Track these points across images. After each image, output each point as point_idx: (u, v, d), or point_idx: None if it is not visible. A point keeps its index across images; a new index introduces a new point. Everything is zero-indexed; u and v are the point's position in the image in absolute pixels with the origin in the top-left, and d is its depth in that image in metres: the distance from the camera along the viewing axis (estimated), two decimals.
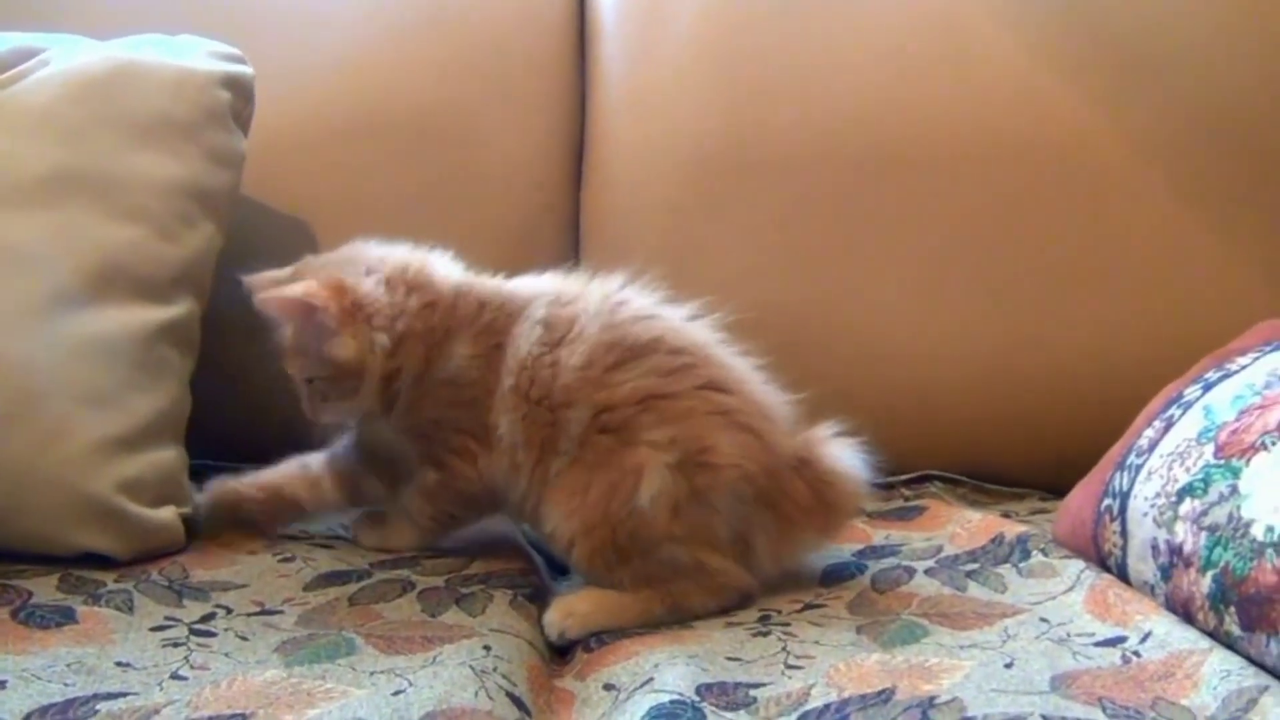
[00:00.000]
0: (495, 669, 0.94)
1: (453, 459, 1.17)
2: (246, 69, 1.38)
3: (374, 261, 1.18)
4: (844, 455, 1.14)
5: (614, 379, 1.10)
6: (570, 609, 1.08)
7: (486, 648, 0.97)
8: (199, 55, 1.35)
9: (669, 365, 1.11)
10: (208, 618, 1.04)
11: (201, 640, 1.00)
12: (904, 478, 1.44)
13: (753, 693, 0.91)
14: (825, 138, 1.51)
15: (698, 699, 0.89)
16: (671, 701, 0.88)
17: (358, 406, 1.18)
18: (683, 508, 1.07)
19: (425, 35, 1.60)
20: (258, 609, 1.06)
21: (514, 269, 1.23)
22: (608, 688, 0.95)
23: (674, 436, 1.07)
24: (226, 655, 0.97)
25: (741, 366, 1.16)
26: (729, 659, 0.98)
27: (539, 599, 1.12)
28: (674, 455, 1.07)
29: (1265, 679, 0.88)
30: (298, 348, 1.17)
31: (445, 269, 1.21)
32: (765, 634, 1.04)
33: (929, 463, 1.46)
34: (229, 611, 1.06)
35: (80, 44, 1.35)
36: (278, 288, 1.15)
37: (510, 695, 0.91)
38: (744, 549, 1.10)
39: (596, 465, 1.09)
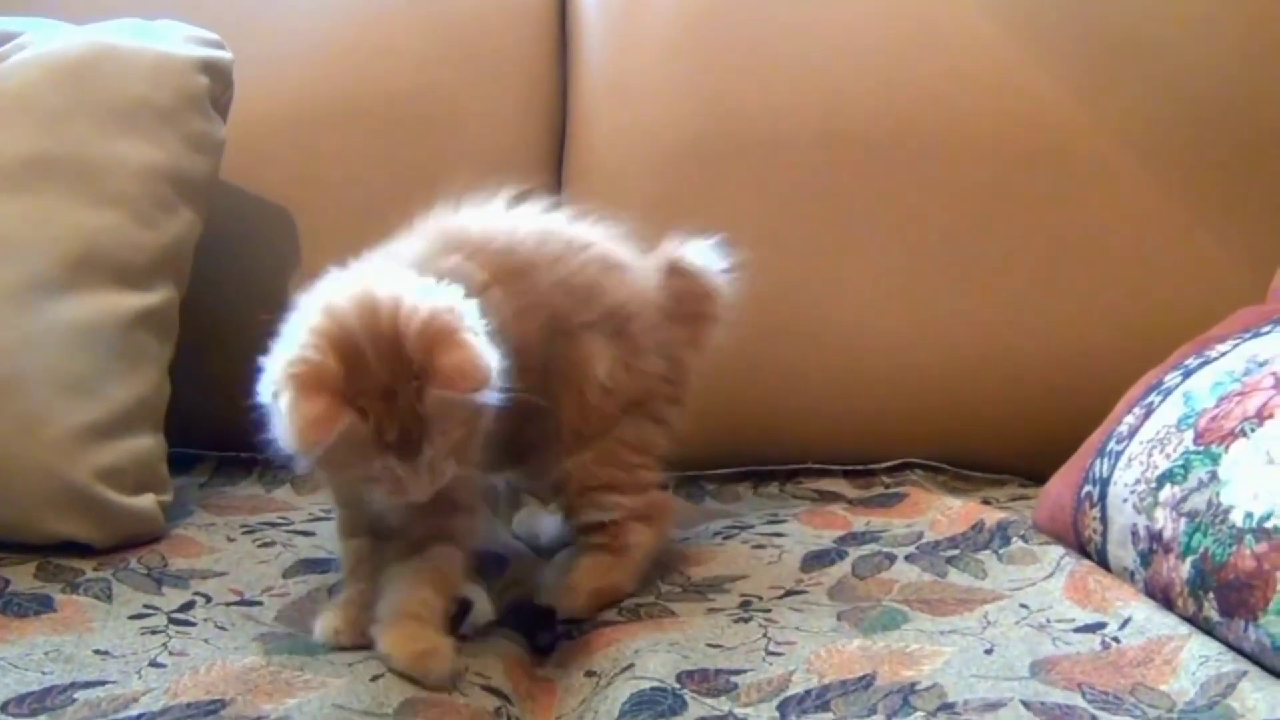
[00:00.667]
0: (467, 668, 0.93)
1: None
2: (225, 54, 1.37)
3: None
4: (699, 252, 1.19)
5: (538, 294, 1.08)
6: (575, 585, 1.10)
7: (462, 636, 0.97)
8: (177, 40, 1.35)
9: (552, 255, 1.11)
10: (187, 606, 1.04)
11: (180, 628, 0.99)
12: (885, 465, 1.45)
13: (734, 679, 0.91)
14: (806, 125, 1.51)
15: (679, 686, 0.89)
16: (652, 689, 0.88)
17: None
18: (631, 363, 1.12)
19: (406, 21, 1.59)
20: (237, 598, 1.06)
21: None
22: (589, 674, 0.95)
23: (597, 312, 1.11)
24: (205, 641, 0.96)
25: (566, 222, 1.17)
26: (710, 646, 0.98)
27: (511, 589, 1.12)
28: (606, 326, 1.11)
29: (1243, 664, 0.88)
30: (442, 418, 0.93)
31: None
32: (746, 621, 1.04)
33: (909, 450, 1.46)
34: (208, 600, 1.05)
35: (57, 28, 1.34)
36: (458, 372, 0.91)
37: (485, 688, 0.91)
38: (676, 369, 1.16)
39: (558, 375, 1.10)
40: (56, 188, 1.22)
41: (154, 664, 0.92)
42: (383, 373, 0.90)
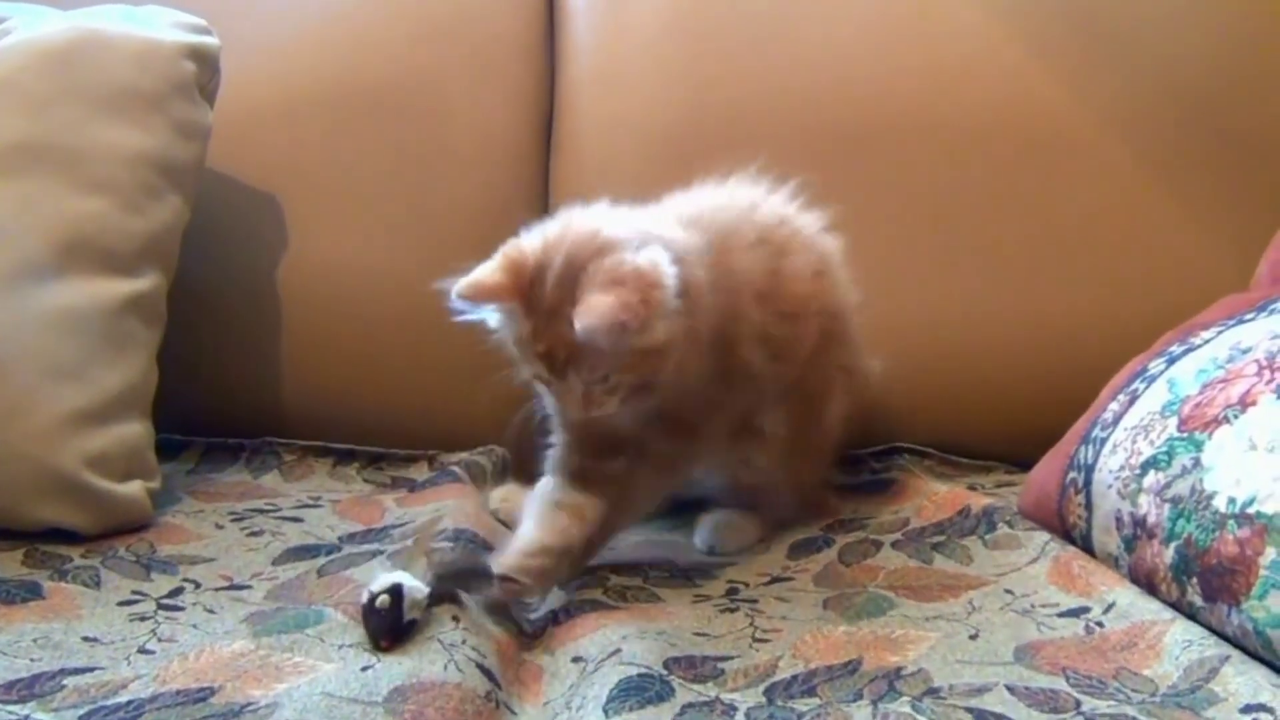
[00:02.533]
0: (464, 641, 0.94)
1: (706, 417, 1.17)
2: (212, 40, 1.37)
3: (630, 234, 1.06)
4: None
5: (827, 281, 1.25)
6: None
7: (455, 618, 0.97)
8: (164, 26, 1.34)
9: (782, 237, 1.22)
10: (175, 592, 1.04)
11: (169, 613, 0.99)
12: (872, 450, 1.45)
13: (720, 665, 0.92)
14: (794, 113, 1.51)
15: (666, 672, 0.90)
16: (640, 675, 0.89)
17: (657, 383, 1.07)
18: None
19: (394, 8, 1.59)
20: (226, 583, 1.06)
21: (483, 242, 1.22)
22: (576, 660, 0.95)
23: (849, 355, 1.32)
24: (194, 627, 0.97)
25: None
26: (696, 634, 0.98)
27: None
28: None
29: (1226, 649, 0.89)
30: (593, 352, 1.03)
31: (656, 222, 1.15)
32: (733, 609, 1.04)
33: (897, 435, 1.46)
34: (197, 586, 1.05)
35: (44, 14, 1.34)
36: (589, 309, 0.99)
37: (480, 666, 0.91)
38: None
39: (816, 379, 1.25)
40: (43, 174, 1.22)
41: (143, 650, 0.92)
42: (554, 292, 1.02)
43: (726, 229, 1.15)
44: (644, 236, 1.06)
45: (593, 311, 0.98)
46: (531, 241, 1.06)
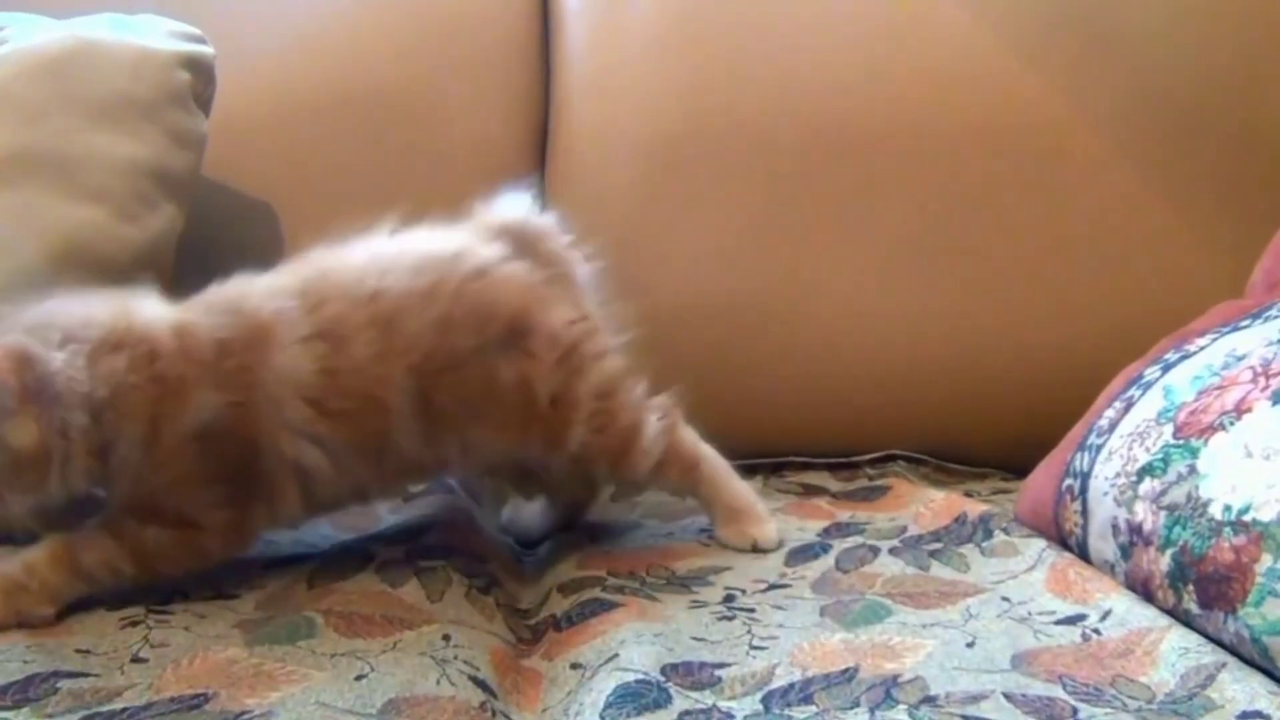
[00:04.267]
0: (456, 656, 0.93)
1: (208, 514, 1.04)
2: (207, 49, 1.36)
3: (78, 325, 0.99)
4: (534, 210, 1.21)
5: (405, 339, 1.08)
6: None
7: (446, 637, 0.97)
8: (159, 35, 1.34)
9: (427, 287, 1.10)
10: (166, 599, 1.03)
11: (159, 617, 0.99)
12: (868, 457, 1.45)
13: (718, 673, 0.92)
14: (788, 119, 1.52)
15: (663, 679, 0.89)
16: (637, 681, 0.88)
17: (41, 499, 0.98)
18: (548, 360, 1.13)
19: (389, 15, 1.59)
20: (214, 594, 1.06)
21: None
22: (575, 666, 0.95)
23: (489, 335, 1.11)
24: (186, 629, 0.97)
25: (431, 238, 1.17)
26: (694, 639, 0.98)
27: (493, 589, 1.12)
28: (502, 342, 1.12)
29: (1223, 655, 0.89)
30: None
31: (154, 310, 1.05)
32: (730, 615, 1.04)
33: (893, 442, 1.46)
34: (186, 596, 1.05)
35: (38, 22, 1.34)
36: None
37: (473, 679, 0.91)
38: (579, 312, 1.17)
39: (487, 392, 1.10)
40: (37, 183, 1.22)
41: (136, 659, 0.92)
42: None
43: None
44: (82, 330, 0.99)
45: None
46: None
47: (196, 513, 1.03)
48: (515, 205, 1.20)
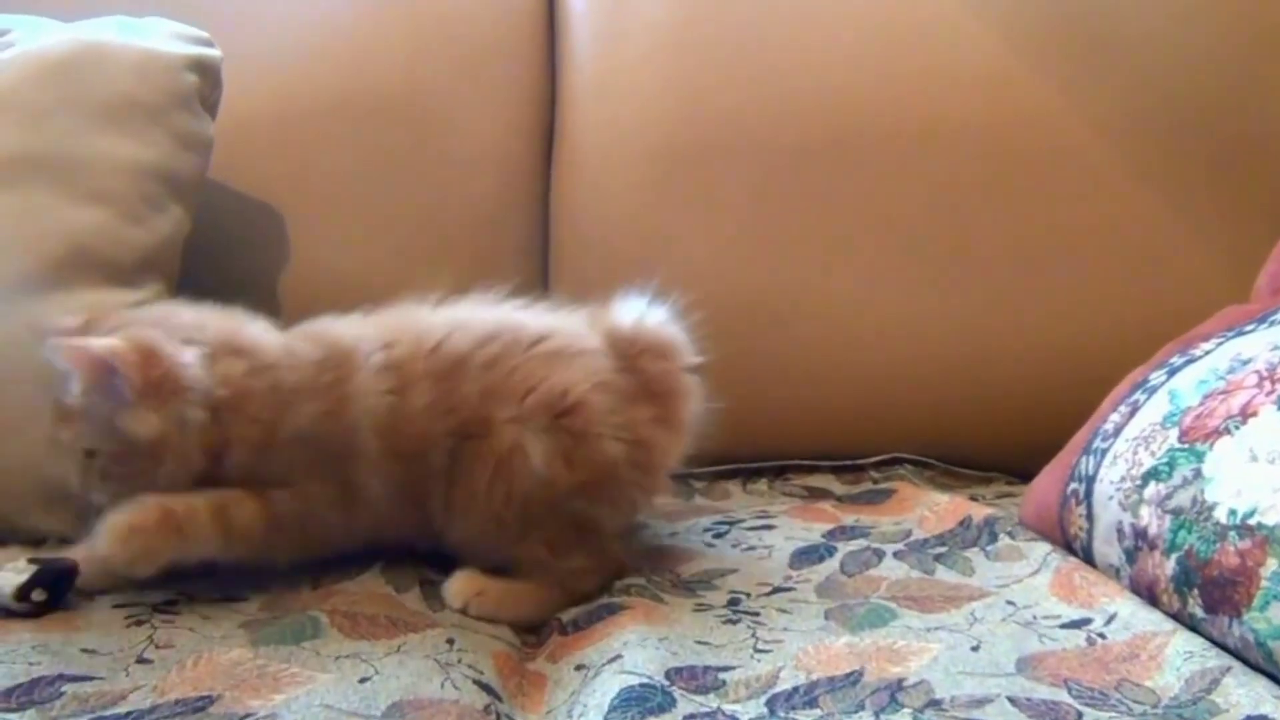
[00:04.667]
0: (460, 660, 0.94)
1: (303, 517, 1.07)
2: (214, 52, 1.37)
3: (192, 329, 1.06)
4: (652, 323, 1.15)
5: (455, 398, 1.08)
6: (482, 587, 1.07)
7: (450, 641, 0.97)
8: (166, 38, 1.34)
9: (489, 356, 1.10)
10: (171, 601, 1.04)
11: (165, 617, 0.99)
12: (873, 460, 1.45)
13: (722, 676, 0.92)
14: (793, 121, 1.52)
15: (667, 683, 0.89)
16: (641, 685, 0.88)
17: (149, 487, 1.02)
18: (573, 453, 1.07)
19: (395, 19, 1.59)
20: (219, 592, 1.06)
21: (484, 253, 1.22)
22: (579, 668, 0.95)
23: (527, 405, 1.07)
24: (191, 630, 0.97)
25: (532, 316, 1.16)
26: (698, 643, 0.98)
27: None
28: (539, 419, 1.07)
29: (1227, 660, 0.89)
30: (83, 412, 1.01)
31: (260, 326, 1.11)
32: (734, 619, 1.04)
33: (897, 446, 1.46)
34: (191, 599, 1.05)
35: (45, 25, 1.34)
36: (78, 337, 1.00)
37: (477, 682, 0.91)
38: (643, 454, 1.11)
39: (474, 469, 1.07)
40: (44, 185, 1.22)
41: (141, 660, 0.92)
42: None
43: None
44: (198, 334, 1.04)
45: (83, 341, 0.98)
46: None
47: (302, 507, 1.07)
48: (630, 311, 1.16)
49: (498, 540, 1.09)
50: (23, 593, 1.00)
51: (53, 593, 1.01)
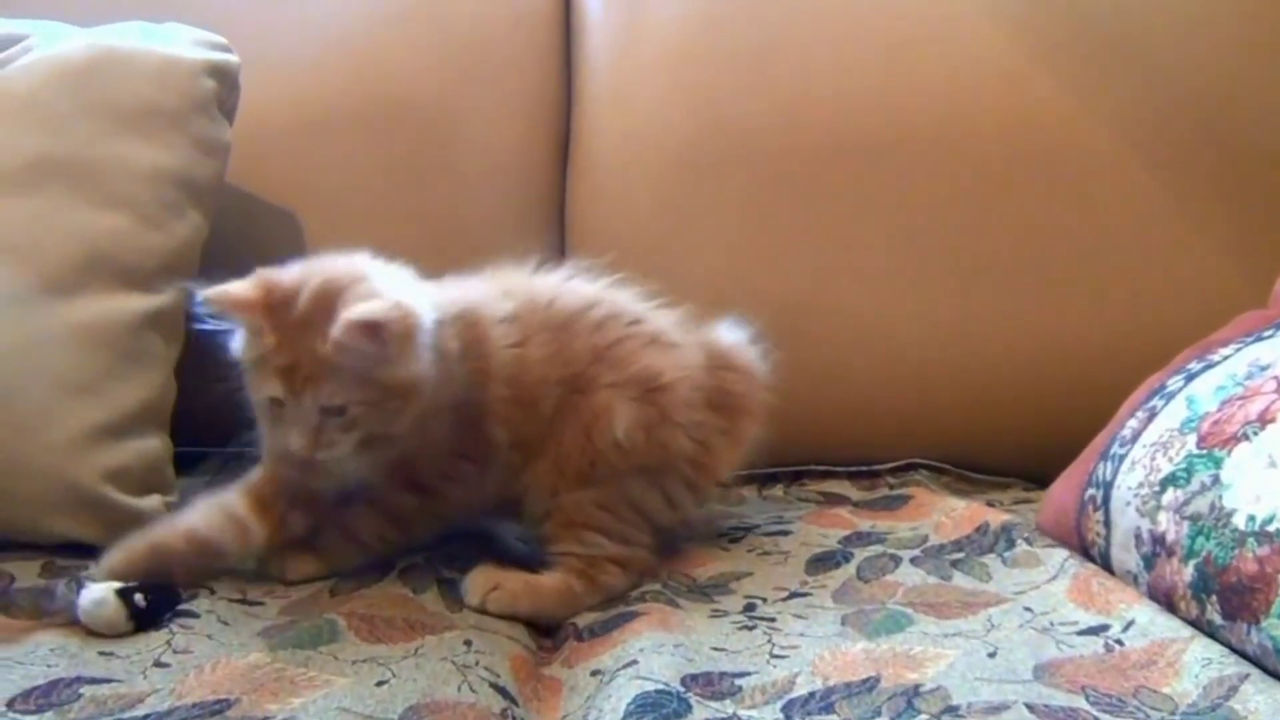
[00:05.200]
0: (477, 663, 0.94)
1: (444, 484, 1.13)
2: (232, 57, 1.37)
3: (390, 277, 1.10)
4: (744, 347, 1.25)
5: (569, 352, 1.14)
6: (499, 580, 1.09)
7: (467, 643, 0.98)
8: (184, 43, 1.35)
9: (596, 320, 1.16)
10: (190, 598, 1.04)
11: (184, 622, 1.00)
12: (889, 465, 1.45)
13: (738, 682, 0.92)
14: (808, 127, 1.52)
15: (683, 689, 0.89)
16: (657, 691, 0.88)
17: (393, 434, 1.06)
18: (652, 431, 1.13)
19: (412, 27, 1.59)
20: (239, 596, 1.06)
21: (499, 258, 1.22)
22: (595, 674, 0.95)
23: (626, 375, 1.14)
24: (209, 637, 0.97)
25: (632, 299, 1.21)
26: (714, 649, 0.98)
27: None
28: (633, 390, 1.13)
29: (1246, 667, 0.88)
30: (334, 369, 1.02)
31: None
32: (750, 624, 1.04)
33: (913, 452, 1.46)
34: (212, 592, 1.06)
35: (64, 32, 1.35)
36: (353, 309, 1.01)
37: (494, 686, 0.91)
38: (705, 456, 1.19)
39: (566, 422, 1.13)
40: (63, 190, 1.23)
41: (158, 664, 0.92)
42: (307, 306, 1.02)
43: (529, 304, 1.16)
44: (402, 283, 1.09)
45: (357, 315, 0.99)
46: (289, 268, 1.07)
47: (430, 480, 1.13)
48: (732, 333, 1.26)
49: (557, 493, 1.13)
50: (126, 594, 0.99)
51: (154, 607, 1.00)
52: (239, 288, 1.04)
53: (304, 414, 1.03)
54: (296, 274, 1.06)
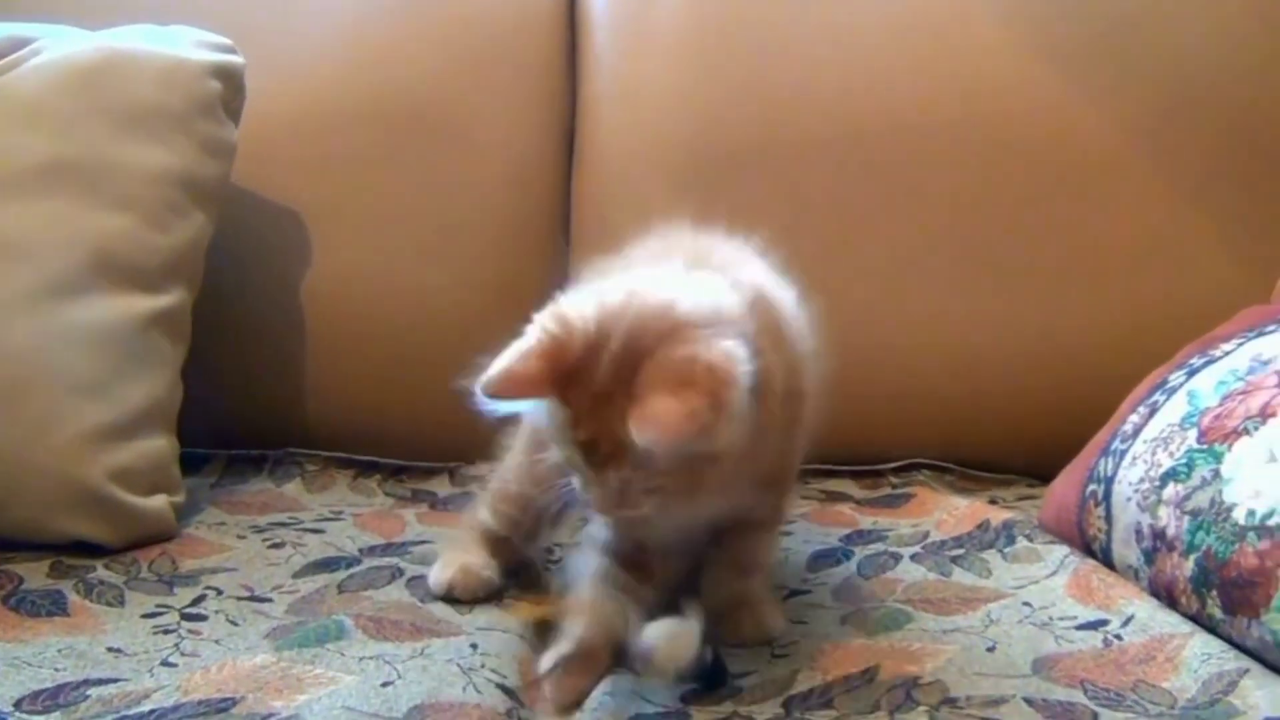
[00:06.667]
0: (483, 665, 0.94)
1: (785, 501, 1.07)
2: (238, 59, 1.38)
3: (710, 306, 0.90)
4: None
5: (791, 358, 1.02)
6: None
7: (473, 645, 0.98)
8: (190, 45, 1.36)
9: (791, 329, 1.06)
10: (198, 600, 1.05)
11: (192, 626, 1.00)
12: (892, 465, 1.45)
13: (738, 681, 0.92)
14: (813, 128, 1.52)
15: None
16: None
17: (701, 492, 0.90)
18: (796, 440, 1.07)
19: (417, 27, 1.60)
20: (247, 594, 1.07)
21: (504, 259, 1.22)
22: None
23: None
24: (217, 642, 0.97)
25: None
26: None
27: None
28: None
29: (1246, 661, 0.89)
30: (643, 456, 0.85)
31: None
32: None
33: (917, 451, 1.46)
34: (219, 593, 1.06)
35: (71, 33, 1.35)
36: (652, 418, 0.82)
37: (500, 686, 0.91)
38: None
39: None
40: (70, 192, 1.23)
41: (165, 663, 0.93)
42: (608, 377, 0.85)
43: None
44: (717, 316, 0.89)
45: (656, 421, 0.82)
46: (582, 311, 0.88)
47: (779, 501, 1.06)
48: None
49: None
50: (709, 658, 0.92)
51: (716, 667, 0.93)
52: (523, 364, 0.86)
53: (605, 480, 0.88)
54: (593, 320, 0.87)
